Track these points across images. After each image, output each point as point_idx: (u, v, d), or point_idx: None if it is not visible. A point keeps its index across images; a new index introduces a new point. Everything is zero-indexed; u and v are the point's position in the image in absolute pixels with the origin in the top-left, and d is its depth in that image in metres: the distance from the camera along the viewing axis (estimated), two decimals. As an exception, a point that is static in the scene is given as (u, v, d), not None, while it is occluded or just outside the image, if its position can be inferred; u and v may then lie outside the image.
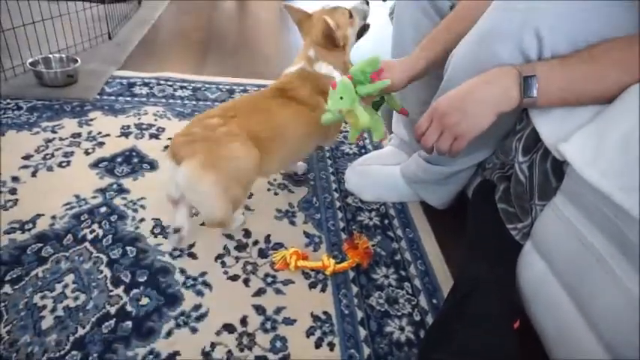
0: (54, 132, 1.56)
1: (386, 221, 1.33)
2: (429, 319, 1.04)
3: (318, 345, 0.96)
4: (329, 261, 1.12)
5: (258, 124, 1.15)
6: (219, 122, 1.09)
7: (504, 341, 0.82)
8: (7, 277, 1.03)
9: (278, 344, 0.95)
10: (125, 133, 1.60)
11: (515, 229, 0.98)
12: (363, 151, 1.65)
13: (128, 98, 1.84)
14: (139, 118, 1.70)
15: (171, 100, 1.87)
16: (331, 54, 1.33)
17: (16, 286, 1.01)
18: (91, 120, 1.66)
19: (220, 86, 2.02)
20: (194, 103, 1.87)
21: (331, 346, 0.96)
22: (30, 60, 1.83)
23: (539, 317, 0.89)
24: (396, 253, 1.22)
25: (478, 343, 0.80)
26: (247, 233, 1.23)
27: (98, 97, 1.82)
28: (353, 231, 1.27)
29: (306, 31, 1.37)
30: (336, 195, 1.42)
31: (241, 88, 2.02)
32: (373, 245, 1.23)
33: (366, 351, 0.96)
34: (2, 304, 0.97)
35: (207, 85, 2.02)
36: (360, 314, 1.04)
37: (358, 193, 1.41)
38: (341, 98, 1.06)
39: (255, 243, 1.21)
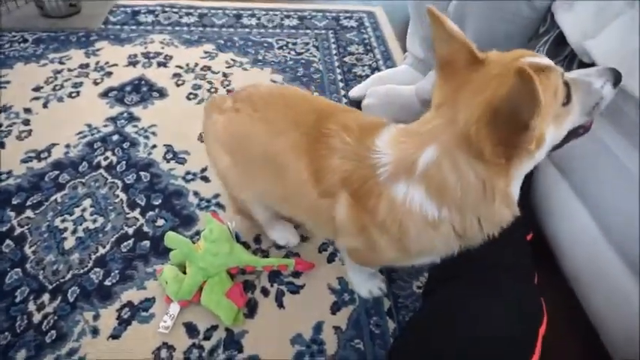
0: (62, 63, 1.54)
1: (400, 142, 1.30)
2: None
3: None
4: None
5: None
6: None
7: (521, 253, 0.82)
8: (28, 203, 1.06)
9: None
10: (133, 62, 1.57)
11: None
12: (376, 72, 1.58)
13: (133, 27, 1.78)
14: (146, 47, 1.66)
15: (177, 28, 1.80)
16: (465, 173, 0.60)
17: (37, 211, 1.04)
18: (98, 50, 1.62)
19: (227, 11, 1.94)
20: (201, 29, 1.80)
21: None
22: (30, -10, 1.78)
23: (552, 227, 0.88)
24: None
25: (496, 259, 0.80)
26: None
27: (103, 26, 1.77)
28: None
29: (453, 87, 0.61)
30: (349, 117, 1.38)
31: (249, 12, 1.93)
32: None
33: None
34: (26, 227, 1.01)
35: (213, 11, 1.93)
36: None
37: (371, 114, 1.37)
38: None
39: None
